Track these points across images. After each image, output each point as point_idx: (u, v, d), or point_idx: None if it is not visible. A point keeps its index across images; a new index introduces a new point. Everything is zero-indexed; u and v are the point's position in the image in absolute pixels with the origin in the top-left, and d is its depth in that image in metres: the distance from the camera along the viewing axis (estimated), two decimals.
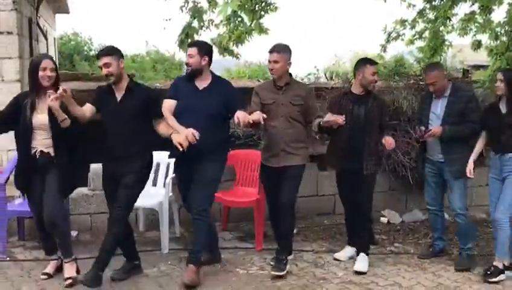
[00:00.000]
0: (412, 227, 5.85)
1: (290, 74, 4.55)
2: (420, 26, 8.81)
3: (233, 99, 4.31)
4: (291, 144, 4.44)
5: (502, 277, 4.34)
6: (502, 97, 4.39)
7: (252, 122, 4.08)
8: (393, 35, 9.12)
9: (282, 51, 4.44)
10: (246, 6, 7.75)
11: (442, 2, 8.19)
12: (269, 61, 4.45)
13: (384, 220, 6.01)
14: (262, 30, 8.37)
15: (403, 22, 8.95)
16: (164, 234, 4.91)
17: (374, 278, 4.42)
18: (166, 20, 7.84)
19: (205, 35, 8.54)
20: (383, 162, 5.68)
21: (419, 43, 8.99)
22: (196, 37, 6.83)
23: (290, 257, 4.65)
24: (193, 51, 4.28)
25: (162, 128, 4.12)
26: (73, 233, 5.13)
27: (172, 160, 4.83)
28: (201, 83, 4.33)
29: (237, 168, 5.62)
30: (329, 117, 4.32)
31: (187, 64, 4.36)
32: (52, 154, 4.05)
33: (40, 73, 3.94)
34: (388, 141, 4.48)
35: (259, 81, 11.32)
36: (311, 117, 4.52)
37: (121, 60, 4.13)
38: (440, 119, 4.56)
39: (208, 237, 4.39)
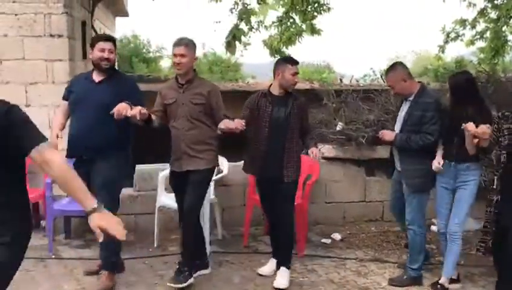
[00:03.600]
0: (464, 237, 5.53)
1: (195, 70, 4.25)
2: (481, 26, 8.44)
3: (131, 93, 4.08)
4: (193, 147, 4.09)
5: None
6: None
7: (129, 116, 3.78)
8: (452, 35, 8.78)
9: (189, 45, 4.11)
10: (297, 7, 7.66)
11: (504, 1, 7.79)
12: (175, 55, 4.08)
13: (434, 228, 5.74)
14: (314, 31, 8.24)
15: (462, 22, 8.60)
16: (206, 237, 4.88)
17: (420, 289, 4.21)
18: (217, 22, 7.88)
19: (254, 37, 8.50)
20: None
21: (480, 44, 8.62)
22: (244, 39, 6.81)
23: (206, 271, 4.40)
24: (112, 46, 4.14)
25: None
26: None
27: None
28: (99, 76, 4.15)
29: None
30: (226, 123, 3.97)
31: (107, 59, 4.09)
32: None
33: None
34: (314, 152, 4.15)
35: (312, 83, 11.17)
36: (217, 118, 4.12)
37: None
38: (400, 124, 4.20)
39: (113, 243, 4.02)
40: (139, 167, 5.53)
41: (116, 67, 4.67)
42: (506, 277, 3.87)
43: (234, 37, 6.55)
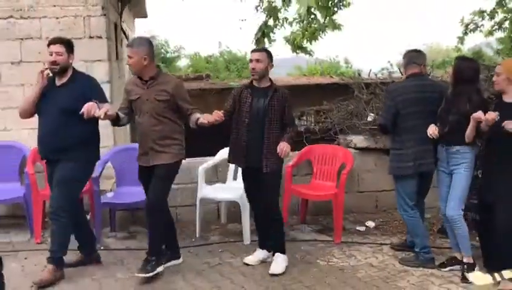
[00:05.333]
0: None
1: (159, 66, 4.36)
2: (499, 16, 8.56)
3: (92, 93, 4.17)
4: (159, 142, 4.19)
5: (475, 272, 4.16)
6: None
7: (96, 116, 3.93)
8: (471, 26, 8.91)
9: (137, 45, 4.18)
10: (320, 3, 7.85)
11: None
12: (128, 56, 4.20)
13: None
14: (335, 26, 8.42)
15: (481, 13, 8.72)
16: (245, 226, 5.08)
17: (457, 272, 4.37)
18: (242, 20, 8.08)
19: (279, 34, 8.68)
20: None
21: (499, 34, 8.73)
22: (272, 36, 7.01)
23: (177, 262, 4.53)
24: (61, 48, 4.19)
25: None
26: None
27: None
28: (61, 80, 4.26)
29: (314, 163, 5.71)
30: (206, 117, 4.09)
31: (54, 62, 4.17)
32: None
33: None
34: (282, 148, 4.22)
35: (332, 77, 11.34)
36: (184, 112, 4.24)
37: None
38: None
39: (64, 237, 4.21)
40: None
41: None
42: (495, 250, 4.06)
43: (263, 34, 6.75)
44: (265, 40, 6.96)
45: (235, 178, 5.54)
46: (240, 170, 5.47)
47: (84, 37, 5.74)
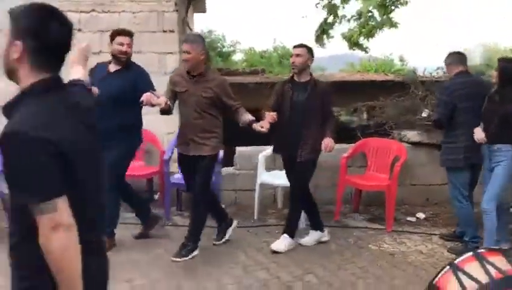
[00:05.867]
0: None
1: (206, 64, 4.55)
2: None
3: (143, 82, 4.48)
4: (199, 134, 4.43)
5: None
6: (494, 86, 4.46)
7: (156, 104, 4.18)
8: None
9: (195, 41, 4.40)
10: (378, 1, 8.07)
11: None
12: (183, 52, 4.41)
13: None
14: (392, 24, 8.60)
15: None
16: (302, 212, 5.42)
17: None
18: (303, 17, 8.37)
19: (337, 30, 8.93)
20: None
21: None
22: (331, 32, 7.29)
23: (234, 225, 4.91)
24: (131, 41, 4.59)
25: None
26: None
27: None
28: (116, 67, 4.60)
29: (368, 155, 5.98)
30: (263, 124, 4.31)
31: (125, 52, 4.53)
32: None
33: None
34: (327, 144, 4.51)
35: (386, 74, 11.49)
36: (229, 108, 4.49)
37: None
38: None
39: (114, 211, 4.60)
40: (239, 149, 6.15)
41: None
42: None
43: (323, 31, 7.04)
44: (324, 36, 7.24)
45: None
46: None
47: (157, 30, 6.20)
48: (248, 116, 4.47)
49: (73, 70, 2.12)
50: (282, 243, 4.76)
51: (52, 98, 1.61)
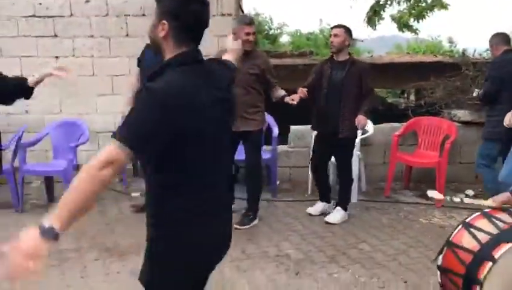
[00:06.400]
0: None
1: (256, 43, 4.91)
2: None
3: None
4: (247, 110, 4.70)
5: None
6: None
7: None
8: None
9: (253, 23, 4.78)
10: None
11: None
12: (247, 33, 4.60)
13: None
14: (442, 6, 8.67)
15: None
16: (354, 187, 5.69)
17: None
18: None
19: (387, 12, 9.03)
20: None
21: None
22: (383, 14, 7.44)
23: (255, 221, 4.95)
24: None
25: None
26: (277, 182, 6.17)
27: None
28: None
29: (420, 133, 6.18)
30: (293, 96, 4.67)
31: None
32: None
33: None
34: (359, 120, 4.72)
35: (435, 56, 11.49)
36: (271, 85, 4.84)
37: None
38: None
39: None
40: (293, 127, 6.44)
41: None
42: None
43: (375, 13, 7.20)
44: (376, 18, 7.39)
45: None
46: None
47: (216, 14, 6.52)
48: (282, 92, 4.84)
49: (225, 56, 2.48)
50: (336, 215, 5.07)
51: (189, 69, 1.86)
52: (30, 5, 6.51)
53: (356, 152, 5.82)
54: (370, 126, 6.10)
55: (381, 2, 7.29)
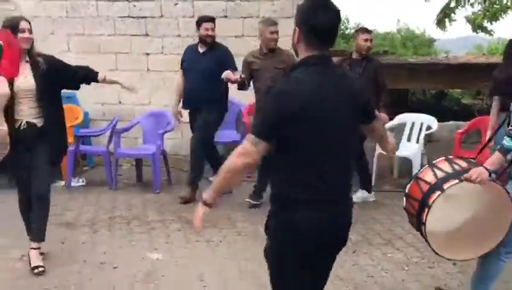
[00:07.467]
0: None
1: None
2: None
3: (227, 61, 5.49)
4: None
5: None
6: None
7: (234, 80, 5.22)
8: None
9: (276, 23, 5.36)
10: None
11: None
12: (271, 32, 5.28)
13: None
14: None
15: None
16: None
17: None
18: (426, 1, 8.70)
19: (459, 13, 9.14)
20: None
21: None
22: (452, 16, 7.60)
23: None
24: (212, 25, 5.63)
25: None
26: None
27: (427, 120, 5.94)
28: (202, 48, 5.67)
29: (483, 132, 6.35)
30: None
31: (210, 36, 5.61)
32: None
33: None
34: (381, 117, 4.80)
35: None
36: None
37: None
38: None
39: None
40: None
41: None
42: None
43: (445, 15, 7.40)
44: (446, 20, 7.56)
45: (408, 139, 6.46)
46: (413, 132, 6.41)
47: (292, 16, 6.99)
48: None
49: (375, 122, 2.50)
50: (358, 195, 5.60)
51: (315, 70, 2.13)
52: (126, 7, 7.31)
53: (420, 148, 6.15)
54: (435, 123, 6.36)
55: (451, 5, 7.44)
